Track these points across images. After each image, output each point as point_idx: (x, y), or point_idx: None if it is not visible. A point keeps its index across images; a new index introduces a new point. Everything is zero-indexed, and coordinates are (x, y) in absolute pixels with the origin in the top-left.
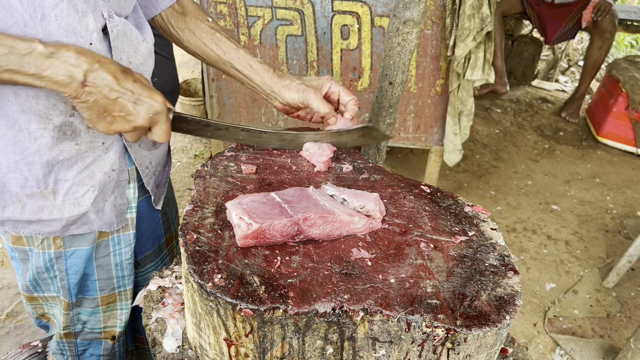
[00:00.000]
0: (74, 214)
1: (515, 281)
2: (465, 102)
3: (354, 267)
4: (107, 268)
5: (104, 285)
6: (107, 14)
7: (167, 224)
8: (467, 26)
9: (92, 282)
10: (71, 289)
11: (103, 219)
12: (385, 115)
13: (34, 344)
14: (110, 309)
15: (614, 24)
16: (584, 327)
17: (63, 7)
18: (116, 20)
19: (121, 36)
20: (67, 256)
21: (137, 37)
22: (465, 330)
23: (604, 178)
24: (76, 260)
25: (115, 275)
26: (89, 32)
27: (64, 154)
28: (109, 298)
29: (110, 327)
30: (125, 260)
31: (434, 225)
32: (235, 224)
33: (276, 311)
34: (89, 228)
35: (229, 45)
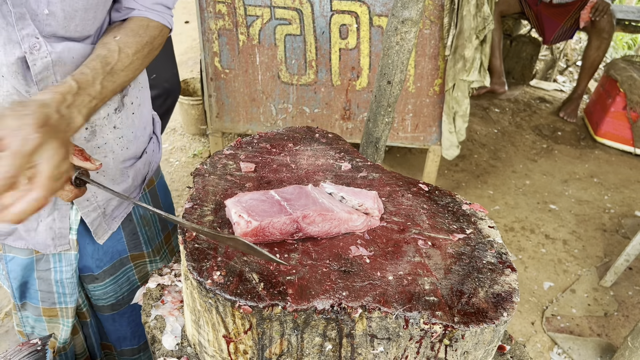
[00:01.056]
0: (5, 228)
1: (513, 278)
2: (460, 103)
3: (353, 264)
4: (48, 282)
5: (45, 297)
6: (28, 45)
7: (135, 243)
8: (473, 26)
9: (34, 291)
10: (14, 291)
11: (36, 239)
12: (384, 115)
13: (33, 341)
14: (52, 321)
15: (611, 23)
16: (581, 326)
17: None
18: (43, 52)
19: (56, 66)
20: (7, 260)
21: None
22: (462, 327)
23: (601, 178)
24: (14, 267)
25: (55, 290)
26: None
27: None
28: (50, 311)
29: (55, 337)
30: (66, 279)
31: (432, 223)
32: (234, 221)
33: (275, 308)
34: (25, 244)
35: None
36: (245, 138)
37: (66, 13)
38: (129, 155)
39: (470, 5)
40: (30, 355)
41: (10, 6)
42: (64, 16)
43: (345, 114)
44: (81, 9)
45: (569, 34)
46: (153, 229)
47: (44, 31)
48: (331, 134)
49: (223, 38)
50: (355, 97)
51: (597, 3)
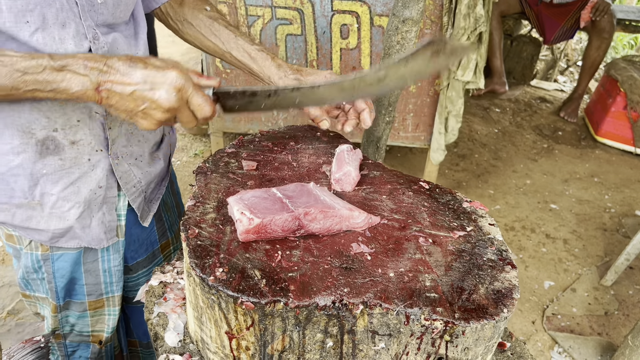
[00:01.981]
0: (60, 227)
1: (513, 275)
2: (454, 102)
3: (354, 261)
4: (95, 273)
5: (91, 290)
6: (92, 36)
7: (162, 230)
8: (463, 25)
9: (80, 286)
10: (58, 292)
11: (90, 234)
12: (385, 114)
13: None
14: (98, 313)
15: (612, 23)
16: (582, 325)
17: (38, 37)
18: (102, 42)
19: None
20: (54, 259)
21: (127, 52)
22: (463, 323)
23: (602, 177)
24: (63, 264)
25: (103, 281)
26: None
27: (47, 168)
28: (96, 303)
29: (98, 331)
30: (114, 267)
31: (433, 221)
32: (236, 219)
33: (277, 304)
34: (78, 243)
35: (227, 34)
36: (247, 137)
37: (115, 0)
38: (157, 138)
39: (462, 4)
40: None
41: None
42: (113, 3)
43: None
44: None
45: (569, 34)
46: (172, 214)
47: (97, 20)
48: (332, 132)
49: None
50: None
51: (597, 3)
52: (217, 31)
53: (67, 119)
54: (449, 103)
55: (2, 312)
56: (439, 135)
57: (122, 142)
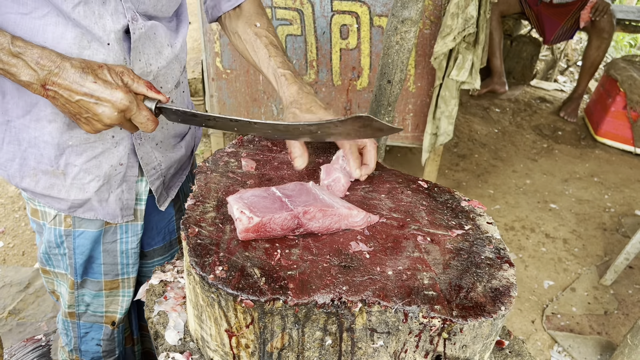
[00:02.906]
0: (79, 198)
1: (511, 273)
2: (447, 102)
3: (353, 259)
4: (113, 254)
5: (108, 270)
6: (130, 17)
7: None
8: (449, 24)
9: (97, 265)
10: (77, 268)
11: (106, 209)
12: (384, 114)
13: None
14: (112, 294)
15: (611, 23)
16: (581, 324)
17: (80, 10)
18: (140, 24)
19: (143, 39)
20: (76, 236)
21: (163, 41)
22: (461, 320)
23: (602, 177)
24: (83, 241)
25: (120, 261)
26: (106, 32)
27: (73, 140)
28: (112, 283)
29: (112, 312)
30: (131, 249)
31: (431, 219)
32: (236, 217)
33: (276, 302)
34: (94, 215)
35: (263, 53)
36: (247, 136)
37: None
38: (180, 129)
39: (451, 4)
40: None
41: None
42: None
43: (346, 113)
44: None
45: (569, 34)
46: None
47: (139, 8)
48: None
49: (224, 38)
50: (356, 97)
51: (597, 3)
52: (257, 48)
53: None
54: (442, 103)
55: (3, 311)
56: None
57: None
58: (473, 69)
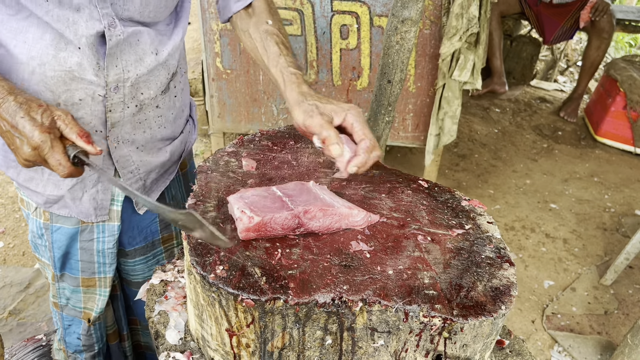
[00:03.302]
0: (54, 194)
1: (511, 272)
2: (450, 103)
3: (353, 259)
4: (90, 252)
5: (85, 267)
6: (107, 23)
7: (166, 224)
8: (454, 25)
9: (75, 261)
10: (56, 261)
11: (80, 207)
12: (384, 114)
13: (38, 337)
14: (90, 292)
15: (611, 23)
16: (582, 324)
17: (54, 15)
18: (118, 30)
19: (123, 45)
20: (53, 230)
21: (146, 48)
22: (461, 319)
23: (602, 177)
24: (60, 237)
25: (96, 260)
26: (77, 37)
27: None
28: (89, 281)
29: (89, 309)
30: (107, 249)
31: (432, 219)
32: (237, 217)
33: (277, 301)
34: (69, 212)
35: (274, 50)
36: (247, 136)
37: (142, 0)
38: (167, 134)
39: (455, 4)
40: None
41: None
42: (140, 2)
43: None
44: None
45: (569, 34)
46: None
47: (122, 15)
48: None
49: (224, 39)
50: (356, 97)
51: (596, 3)
52: (268, 47)
53: (69, 95)
54: (445, 103)
55: (3, 312)
56: (433, 137)
57: (126, 128)
58: (474, 69)
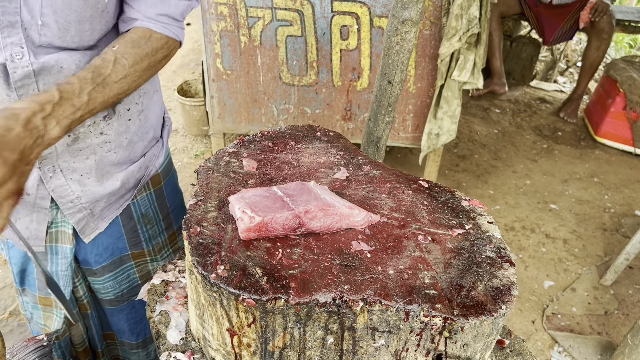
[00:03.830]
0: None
1: (511, 272)
2: (449, 102)
3: (354, 259)
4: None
5: (40, 286)
6: (10, 53)
7: (136, 241)
8: (454, 25)
9: (32, 278)
10: (15, 275)
11: (11, 235)
12: (385, 114)
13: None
14: (47, 310)
15: (611, 24)
16: (582, 324)
17: None
18: (24, 62)
19: (38, 75)
20: (9, 247)
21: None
22: (462, 319)
23: (602, 177)
24: (15, 253)
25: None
26: None
27: None
28: (45, 300)
29: (48, 326)
30: (62, 272)
31: (432, 219)
32: (238, 217)
33: (278, 301)
34: (7, 236)
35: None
36: (248, 136)
37: (59, 24)
38: (119, 159)
39: (454, 5)
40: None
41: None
42: (57, 27)
43: (346, 114)
44: (74, 21)
45: (568, 34)
46: (156, 227)
47: (39, 40)
48: (332, 132)
49: (225, 39)
50: (356, 97)
51: (596, 4)
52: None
53: None
54: (444, 103)
55: (4, 312)
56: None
57: (65, 157)
58: (475, 69)
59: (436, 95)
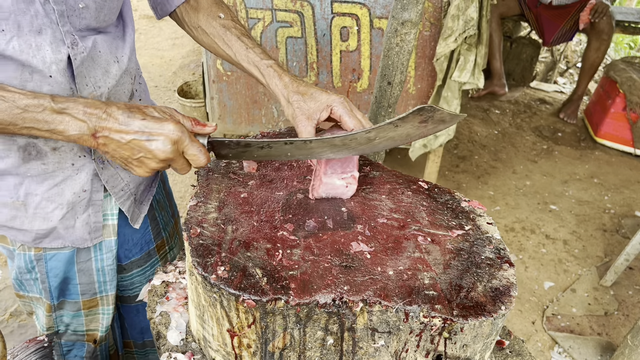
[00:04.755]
0: (43, 228)
1: (511, 273)
2: (449, 103)
3: (354, 259)
4: (89, 273)
5: (85, 290)
6: (70, 42)
7: (157, 230)
8: (450, 26)
9: (73, 285)
10: (52, 291)
11: (74, 235)
12: (384, 115)
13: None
14: (92, 313)
15: (611, 25)
16: (582, 325)
17: (15, 45)
18: (81, 48)
19: (87, 62)
20: (48, 259)
21: (108, 58)
22: (461, 320)
23: (601, 178)
24: (56, 264)
25: (96, 280)
26: (47, 65)
27: (31, 172)
28: (90, 302)
29: (93, 330)
30: (107, 266)
31: (432, 220)
32: None
33: (278, 302)
34: (62, 243)
35: (239, 45)
36: (248, 137)
37: (97, 4)
38: None
39: (452, 5)
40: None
41: (52, 4)
42: (95, 7)
43: None
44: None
45: (568, 35)
46: (166, 213)
47: (79, 25)
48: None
49: None
50: (356, 98)
51: (596, 5)
52: (230, 41)
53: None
54: (444, 103)
55: (5, 313)
56: None
57: None
58: (476, 69)
59: (433, 96)
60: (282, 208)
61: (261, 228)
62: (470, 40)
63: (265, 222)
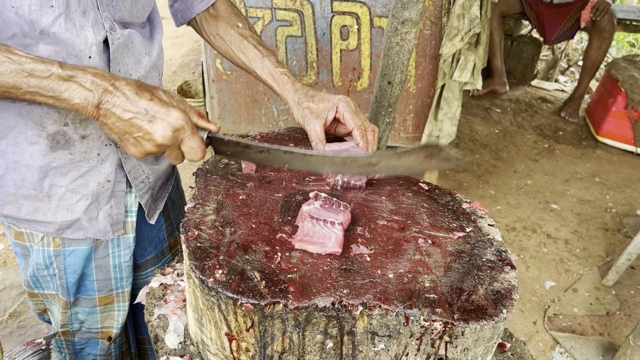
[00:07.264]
0: (67, 220)
1: (512, 276)
2: (450, 103)
3: (353, 262)
4: (106, 269)
5: (102, 286)
6: (109, 27)
7: (171, 229)
8: (456, 25)
9: (90, 282)
10: (69, 287)
11: (97, 226)
12: (385, 115)
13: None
14: (107, 309)
15: (612, 23)
16: (583, 325)
17: (61, 22)
18: (118, 33)
19: (122, 49)
20: (66, 255)
21: (140, 50)
22: (462, 323)
23: (603, 177)
24: (75, 260)
25: (113, 276)
26: (88, 45)
27: (57, 162)
28: (106, 299)
29: (107, 327)
30: (124, 263)
31: (432, 222)
32: None
33: (276, 306)
34: (84, 234)
35: (254, 54)
36: (247, 138)
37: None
38: None
39: (456, 5)
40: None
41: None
42: (130, 1)
43: None
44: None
45: (569, 34)
46: (179, 213)
47: (114, 15)
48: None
49: None
50: (357, 98)
51: (597, 3)
52: (246, 49)
53: (77, 113)
54: (445, 104)
55: (3, 314)
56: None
57: None
58: (475, 70)
59: (437, 96)
60: (280, 210)
61: (260, 230)
62: (471, 39)
63: (264, 224)
